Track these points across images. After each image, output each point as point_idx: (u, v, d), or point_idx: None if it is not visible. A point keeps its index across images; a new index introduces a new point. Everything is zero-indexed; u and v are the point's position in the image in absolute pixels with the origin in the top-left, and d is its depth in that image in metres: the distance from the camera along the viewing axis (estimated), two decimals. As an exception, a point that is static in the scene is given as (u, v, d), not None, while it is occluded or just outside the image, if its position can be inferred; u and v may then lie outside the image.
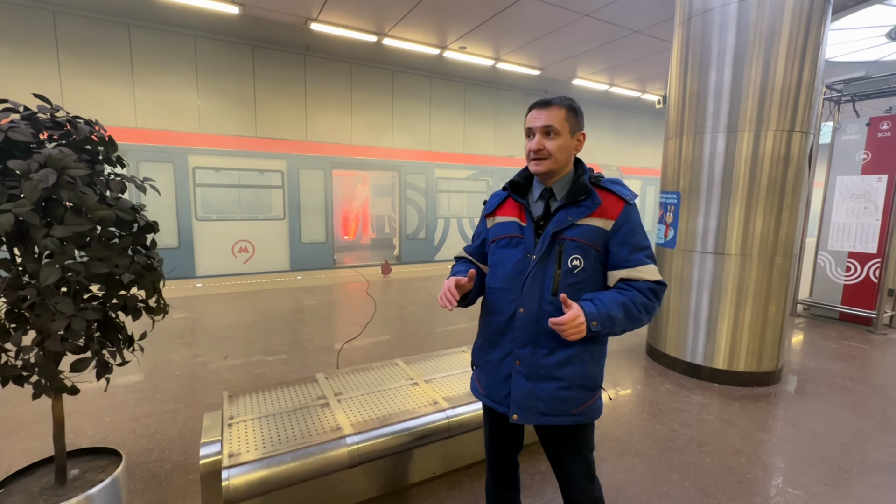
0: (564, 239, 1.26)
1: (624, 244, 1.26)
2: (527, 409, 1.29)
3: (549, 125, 1.26)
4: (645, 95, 11.46)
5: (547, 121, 1.26)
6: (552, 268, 1.27)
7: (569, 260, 1.25)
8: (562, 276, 1.26)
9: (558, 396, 1.28)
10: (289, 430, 1.86)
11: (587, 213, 1.26)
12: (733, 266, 3.39)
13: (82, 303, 1.57)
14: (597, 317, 1.18)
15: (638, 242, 1.26)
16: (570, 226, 1.26)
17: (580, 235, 1.25)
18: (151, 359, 3.79)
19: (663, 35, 7.36)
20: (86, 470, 1.72)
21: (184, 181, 7.41)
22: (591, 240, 1.25)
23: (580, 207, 1.27)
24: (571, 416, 1.29)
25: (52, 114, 1.51)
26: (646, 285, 1.24)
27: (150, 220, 1.70)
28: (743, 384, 3.44)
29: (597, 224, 1.26)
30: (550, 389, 1.28)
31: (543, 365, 1.28)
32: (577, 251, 1.25)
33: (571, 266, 1.25)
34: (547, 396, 1.28)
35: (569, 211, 1.27)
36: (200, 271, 7.68)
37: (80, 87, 7.22)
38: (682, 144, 3.63)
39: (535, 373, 1.29)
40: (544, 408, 1.28)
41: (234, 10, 6.65)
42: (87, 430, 2.65)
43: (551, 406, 1.28)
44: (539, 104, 1.29)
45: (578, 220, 1.26)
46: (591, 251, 1.26)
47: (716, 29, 3.32)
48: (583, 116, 1.32)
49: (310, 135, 9.16)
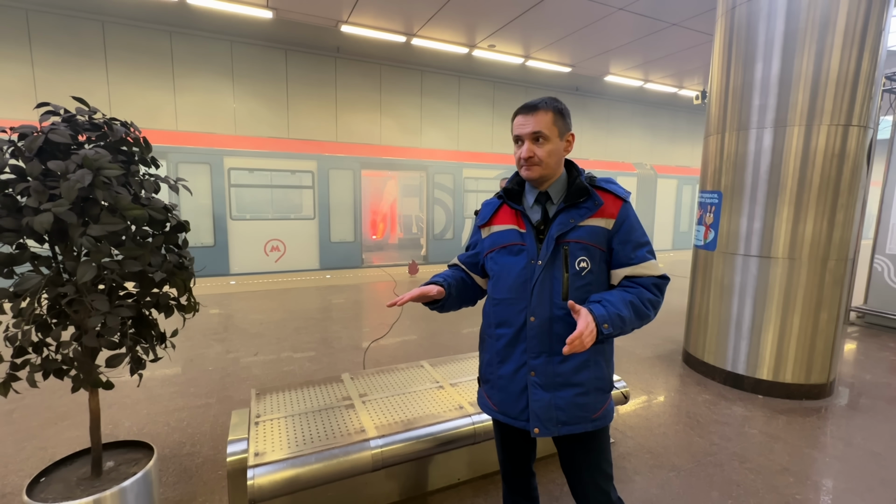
0: (569, 242, 1.24)
1: (626, 242, 1.25)
2: (547, 421, 1.25)
3: (537, 131, 1.23)
4: (682, 91, 11.01)
5: (535, 126, 1.23)
6: (559, 272, 1.24)
7: (576, 262, 1.23)
8: (571, 280, 1.23)
9: (577, 403, 1.25)
10: (314, 430, 1.86)
11: (589, 214, 1.24)
12: (780, 270, 3.18)
13: (117, 300, 1.62)
14: (607, 319, 1.15)
15: (638, 239, 1.26)
16: (573, 228, 1.24)
17: (584, 237, 1.23)
18: (186, 353, 3.91)
19: (703, 27, 7.03)
20: (120, 462, 1.77)
21: (219, 182, 7.67)
22: (595, 240, 1.24)
23: (581, 209, 1.25)
24: (592, 422, 1.27)
25: (90, 116, 1.55)
26: (650, 281, 1.24)
27: (182, 219, 1.73)
28: (790, 397, 3.21)
29: (599, 224, 1.25)
30: (569, 397, 1.25)
31: (560, 373, 1.25)
32: (583, 253, 1.23)
33: (579, 268, 1.24)
34: (566, 405, 1.25)
35: (570, 213, 1.25)
36: (234, 269, 7.93)
37: (126, 93, 7.59)
38: (725, 141, 3.43)
39: (552, 382, 1.25)
40: (564, 417, 1.25)
41: (268, 15, 6.82)
42: (124, 421, 2.75)
43: (571, 414, 1.25)
44: (524, 109, 1.25)
45: (581, 222, 1.24)
46: (596, 251, 1.25)
47: (763, 17, 3.12)
48: (570, 116, 1.30)
49: (340, 135, 9.29)
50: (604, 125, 12.34)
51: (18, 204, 1.44)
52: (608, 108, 12.28)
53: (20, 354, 1.51)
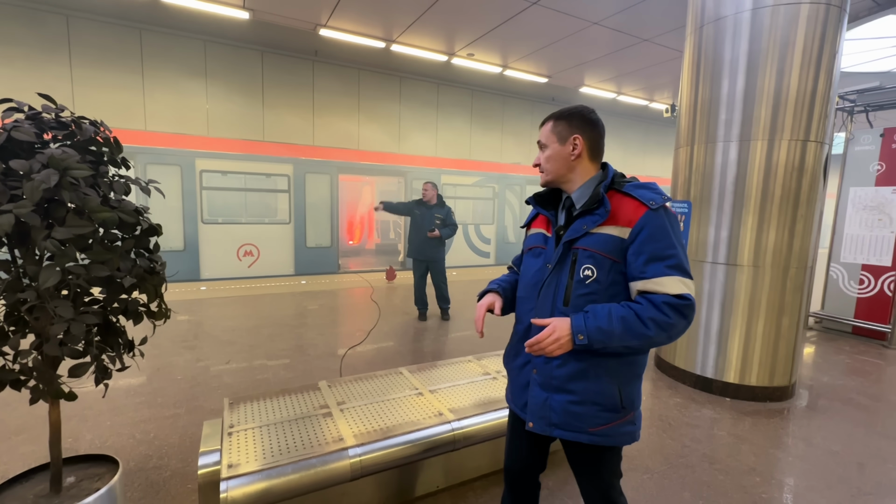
0: (578, 248, 1.23)
1: (639, 254, 1.17)
2: (540, 419, 1.29)
3: (539, 140, 1.36)
4: (653, 104, 11.41)
5: (539, 137, 1.37)
6: (565, 277, 1.25)
7: (581, 270, 1.22)
8: (573, 287, 1.23)
9: (570, 410, 1.25)
10: (290, 440, 1.81)
11: (600, 222, 1.21)
12: (746, 277, 3.32)
13: (83, 306, 1.54)
14: (583, 329, 1.13)
15: (657, 252, 1.15)
16: (584, 234, 1.23)
17: (593, 245, 1.21)
18: (154, 362, 3.76)
19: (673, 44, 7.33)
20: (82, 478, 1.68)
21: (191, 184, 7.44)
22: (606, 249, 1.19)
23: (594, 216, 1.23)
24: (588, 435, 1.24)
25: (57, 114, 1.48)
26: (661, 299, 1.13)
27: (154, 222, 1.67)
28: (755, 399, 3.35)
29: (611, 232, 1.20)
30: (562, 402, 1.26)
31: (556, 376, 1.27)
32: (589, 261, 1.21)
33: (583, 276, 1.22)
34: (559, 408, 1.26)
35: (584, 220, 1.24)
36: (205, 274, 7.68)
37: (91, 92, 7.28)
38: (694, 153, 3.57)
39: (548, 383, 1.28)
40: (557, 419, 1.26)
41: (245, 16, 6.70)
42: (86, 434, 2.61)
43: (564, 419, 1.26)
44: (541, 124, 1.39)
45: (592, 229, 1.22)
46: (606, 261, 1.20)
47: (728, 37, 3.28)
48: (579, 121, 1.29)
49: (317, 139, 9.17)
50: (579, 135, 12.61)
51: (-25, 204, 1.36)
52: (583, 119, 12.57)
53: (-27, 364, 1.42)
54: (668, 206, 1.20)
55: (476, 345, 4.53)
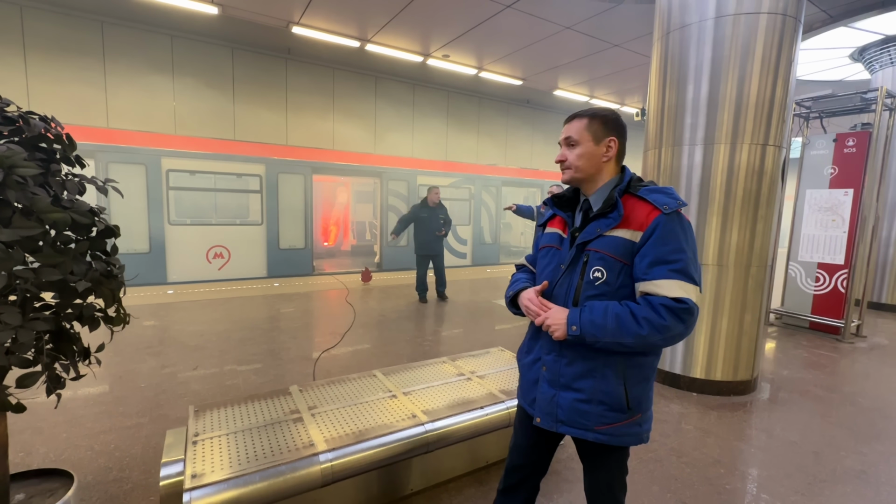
0: (590, 250, 1.26)
1: (645, 256, 1.18)
2: (548, 415, 1.33)
3: (568, 136, 1.32)
4: (624, 108, 11.71)
5: (567, 132, 1.33)
6: (576, 278, 1.28)
7: (591, 271, 1.25)
8: (583, 288, 1.26)
9: (577, 408, 1.28)
10: (258, 447, 1.76)
11: (613, 225, 1.23)
12: (711, 276, 3.44)
13: (32, 312, 1.46)
14: (577, 321, 1.19)
15: (661, 255, 1.17)
16: (597, 237, 1.25)
17: (605, 247, 1.23)
18: (115, 370, 3.59)
19: (642, 49, 7.54)
20: (32, 494, 1.59)
21: (156, 184, 7.16)
22: (617, 252, 1.21)
23: (607, 219, 1.25)
24: (594, 433, 1.27)
25: (2, 108, 1.40)
26: (659, 301, 1.14)
27: (111, 223, 1.60)
28: (720, 393, 3.47)
29: (623, 236, 1.21)
30: (569, 399, 1.29)
31: (564, 374, 1.30)
32: (600, 263, 1.23)
33: (593, 277, 1.24)
34: (566, 405, 1.30)
35: (599, 222, 1.26)
36: (172, 277, 7.41)
37: (48, 86, 6.92)
38: (661, 156, 3.68)
39: (556, 380, 1.32)
40: (563, 416, 1.30)
41: (214, 11, 6.51)
42: (39, 447, 2.47)
43: (570, 417, 1.29)
44: (566, 119, 1.36)
45: (605, 232, 1.24)
46: (617, 264, 1.22)
47: (693, 44, 3.40)
48: (615, 124, 1.31)
49: (290, 139, 9.00)
50: (554, 137, 12.84)
51: None
52: (558, 122, 12.80)
53: None
54: (681, 211, 1.21)
55: (451, 346, 4.53)
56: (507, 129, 11.98)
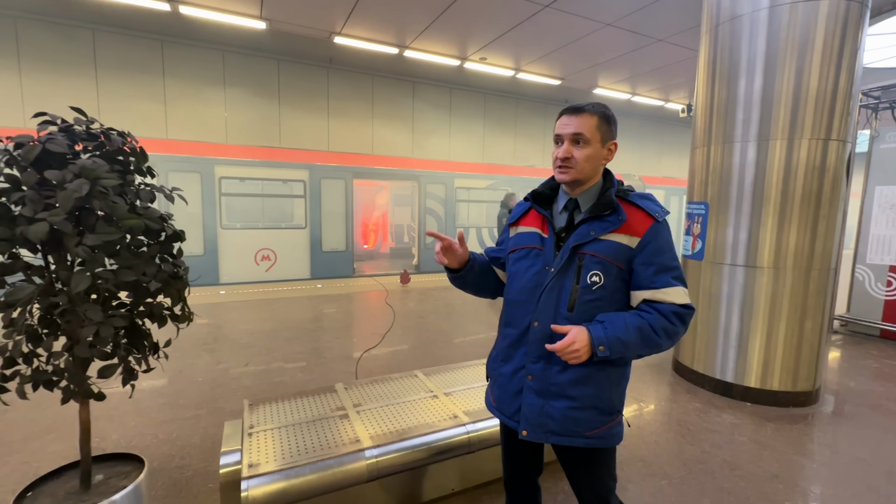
0: (585, 253, 1.21)
1: (649, 264, 1.19)
2: (537, 427, 1.25)
3: (578, 133, 1.20)
4: (668, 104, 11.27)
5: (577, 128, 1.20)
6: (570, 282, 1.22)
7: (588, 276, 1.20)
8: (579, 292, 1.21)
9: (570, 416, 1.23)
10: (308, 441, 1.85)
11: (611, 229, 1.20)
12: (766, 280, 3.25)
13: (110, 310, 1.60)
14: (604, 341, 1.13)
15: (665, 263, 1.19)
16: (592, 240, 1.21)
17: (602, 251, 1.19)
18: (175, 364, 3.85)
19: (688, 43, 7.24)
20: (110, 476, 1.74)
21: (210, 191, 7.62)
22: (614, 256, 1.19)
23: (604, 222, 1.21)
24: (584, 439, 1.24)
25: (88, 126, 1.55)
26: (669, 308, 1.16)
27: (178, 229, 1.73)
28: (777, 404, 3.27)
29: (621, 240, 1.20)
30: (562, 408, 1.23)
31: (556, 382, 1.24)
32: (597, 267, 1.19)
33: (590, 282, 1.20)
34: (558, 415, 1.23)
35: (592, 225, 1.22)
36: (224, 278, 7.85)
37: (116, 102, 7.54)
38: (711, 154, 3.52)
39: (546, 389, 1.25)
40: (555, 426, 1.24)
41: (262, 26, 6.86)
42: (112, 434, 2.70)
43: (562, 426, 1.23)
44: (570, 110, 1.23)
45: (601, 235, 1.20)
46: (613, 268, 1.20)
47: (745, 36, 3.24)
48: (616, 125, 1.26)
49: (332, 145, 9.31)
50: (593, 137, 12.53)
51: (12, 213, 1.43)
52: (597, 120, 12.50)
53: (10, 366, 1.49)
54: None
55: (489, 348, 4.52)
56: (544, 130, 11.82)
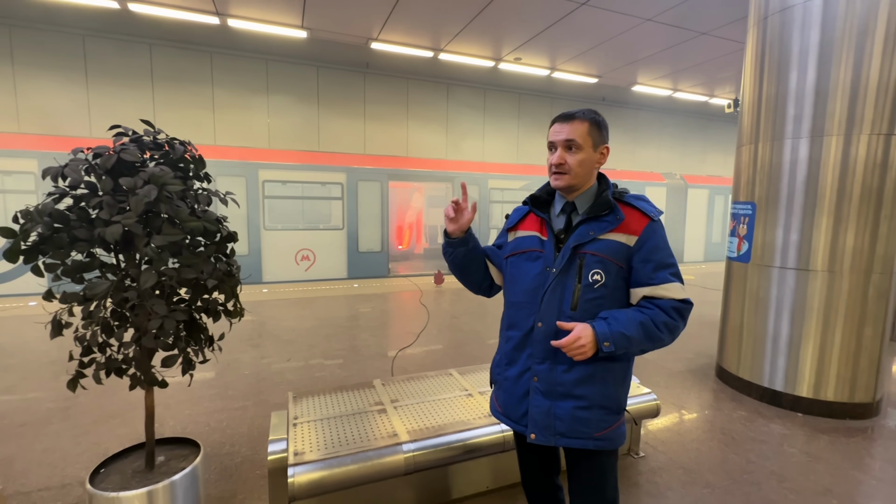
0: (585, 253, 1.23)
1: (647, 261, 1.22)
2: (545, 429, 1.25)
3: (570, 139, 1.25)
4: (713, 100, 10.80)
5: (569, 135, 1.25)
6: (572, 282, 1.24)
7: (589, 274, 1.23)
8: (582, 291, 1.23)
9: (578, 416, 1.23)
10: (349, 433, 1.93)
11: (609, 228, 1.23)
12: (820, 283, 3.08)
13: (172, 305, 1.74)
14: (609, 337, 1.16)
15: (662, 260, 1.23)
16: (592, 240, 1.24)
17: (601, 250, 1.23)
18: (224, 358, 4.09)
19: (734, 36, 6.92)
20: (170, 458, 1.89)
21: (254, 193, 8.00)
22: (613, 255, 1.22)
23: (602, 222, 1.25)
24: (594, 441, 1.24)
25: (155, 136, 1.70)
26: (670, 303, 1.20)
27: (231, 230, 1.86)
28: (832, 416, 3.08)
29: (619, 239, 1.23)
30: (569, 408, 1.24)
31: (562, 382, 1.25)
32: (598, 265, 1.22)
33: (592, 280, 1.23)
34: (566, 416, 1.24)
35: (590, 225, 1.25)
36: (267, 277, 8.21)
37: (170, 112, 8.06)
38: (758, 151, 3.37)
39: (553, 390, 1.26)
40: (563, 428, 1.24)
41: (303, 35, 7.14)
42: (169, 420, 2.91)
43: (570, 426, 1.24)
44: (562, 118, 1.28)
45: (600, 235, 1.24)
46: (613, 266, 1.23)
47: (797, 27, 3.08)
48: (607, 130, 1.31)
49: (368, 148, 9.55)
50: (632, 135, 12.20)
51: (90, 216, 1.59)
52: (636, 118, 12.15)
53: (87, 353, 1.65)
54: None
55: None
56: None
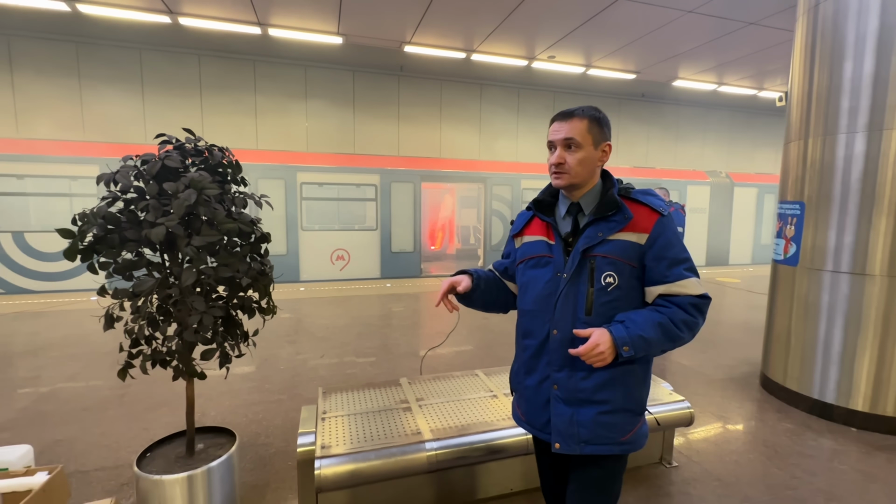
0: (596, 256, 1.19)
1: (661, 258, 1.18)
2: (569, 437, 1.21)
3: (569, 138, 1.20)
4: (763, 93, 10.20)
5: (568, 133, 1.21)
6: (584, 286, 1.21)
7: (602, 277, 1.19)
8: (595, 295, 1.19)
9: (601, 422, 1.20)
10: (374, 429, 1.98)
11: (618, 228, 1.19)
12: (878, 289, 2.85)
13: (211, 301, 1.85)
14: (627, 341, 1.11)
15: (675, 255, 1.19)
16: (601, 241, 1.19)
17: (612, 251, 1.18)
18: (262, 353, 4.27)
19: (785, 25, 6.52)
20: (209, 445, 2.01)
21: (293, 195, 8.30)
22: (625, 255, 1.18)
23: (610, 222, 1.20)
24: (620, 445, 1.21)
25: (195, 143, 1.81)
26: (687, 300, 1.17)
27: (265, 231, 1.95)
28: (892, 432, 2.85)
29: (629, 238, 1.19)
30: (592, 414, 1.20)
31: (582, 389, 1.21)
32: (610, 268, 1.19)
33: (605, 284, 1.19)
34: (588, 422, 1.20)
35: (598, 226, 1.21)
36: (304, 276, 8.50)
37: (216, 118, 8.51)
38: (808, 147, 3.17)
39: (573, 397, 1.22)
40: (587, 435, 1.20)
41: (339, 41, 7.35)
42: (210, 411, 3.08)
43: (594, 433, 1.19)
44: (560, 116, 1.24)
45: (609, 236, 1.19)
46: (626, 267, 1.19)
47: (852, 14, 2.87)
48: (609, 127, 1.26)
49: (402, 150, 9.69)
50: (673, 132, 11.72)
51: (139, 218, 1.72)
52: (677, 114, 11.67)
53: (135, 346, 1.79)
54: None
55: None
56: (617, 127, 11.27)
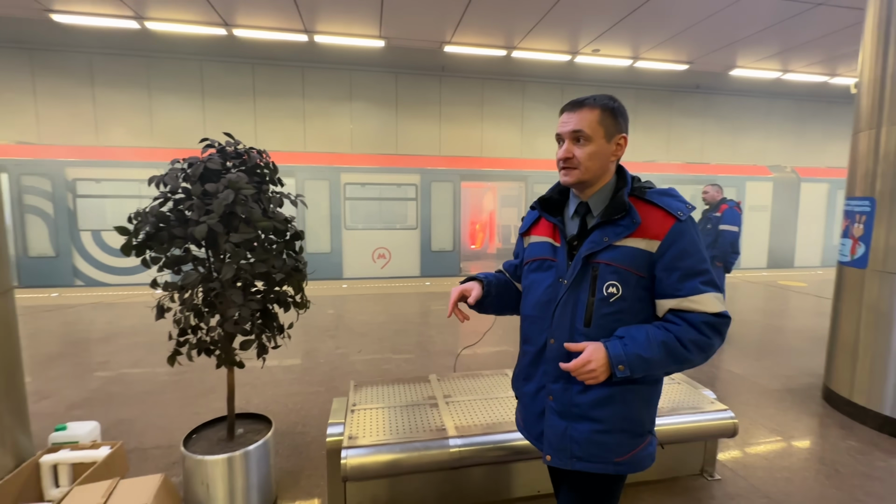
0: (599, 263, 1.09)
1: (673, 269, 1.06)
2: (560, 451, 1.14)
3: (578, 130, 1.10)
4: (835, 80, 9.33)
5: (576, 125, 1.10)
6: (585, 295, 1.11)
7: (604, 287, 1.08)
8: (596, 305, 1.09)
9: (596, 440, 1.11)
10: (400, 423, 2.02)
11: (626, 234, 1.08)
12: (964, 295, 2.53)
13: (249, 295, 1.97)
14: (623, 359, 1.02)
15: (691, 267, 1.06)
16: (607, 247, 1.09)
17: (617, 259, 1.08)
18: (305, 346, 4.47)
19: (859, 2, 5.92)
20: (248, 430, 2.13)
21: (336, 195, 8.61)
22: (632, 264, 1.07)
23: (617, 227, 1.09)
24: (614, 465, 1.11)
25: (235, 146, 1.93)
26: (701, 318, 1.04)
27: (298, 229, 2.05)
28: (981, 457, 2.52)
29: (638, 245, 1.07)
30: (586, 431, 1.11)
31: (577, 403, 1.12)
32: (613, 277, 1.08)
33: (607, 294, 1.08)
34: (582, 439, 1.11)
35: (605, 230, 1.10)
36: (347, 274, 8.79)
37: (268, 123, 9.01)
38: (881, 138, 2.87)
39: (568, 411, 1.13)
40: (580, 451, 1.12)
41: (381, 44, 7.53)
42: (254, 399, 3.26)
43: (587, 450, 1.11)
44: (569, 106, 1.14)
45: (616, 242, 1.08)
46: (632, 277, 1.08)
47: (935, -14, 2.57)
48: (625, 117, 1.14)
49: (443, 149, 9.77)
50: (731, 125, 11.00)
51: (186, 217, 1.86)
52: (736, 106, 10.92)
53: (183, 335, 1.93)
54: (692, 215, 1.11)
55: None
56: (669, 121, 10.74)
